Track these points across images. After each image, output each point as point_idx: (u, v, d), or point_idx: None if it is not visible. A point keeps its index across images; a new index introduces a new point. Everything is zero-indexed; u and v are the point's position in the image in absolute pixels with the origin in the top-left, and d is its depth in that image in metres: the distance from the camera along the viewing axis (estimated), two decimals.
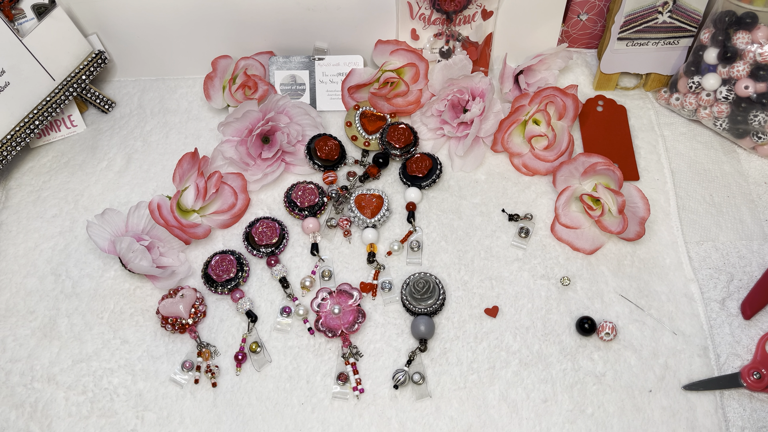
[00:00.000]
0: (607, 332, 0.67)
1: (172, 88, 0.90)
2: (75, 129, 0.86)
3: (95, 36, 0.85)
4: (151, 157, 0.83)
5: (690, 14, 0.77)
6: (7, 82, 0.76)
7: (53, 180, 0.82)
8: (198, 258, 0.75)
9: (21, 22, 0.77)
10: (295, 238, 0.76)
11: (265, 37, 0.85)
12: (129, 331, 0.70)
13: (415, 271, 0.72)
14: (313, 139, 0.80)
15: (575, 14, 0.84)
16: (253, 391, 0.66)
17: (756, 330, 0.68)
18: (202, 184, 0.74)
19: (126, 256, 0.69)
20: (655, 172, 0.79)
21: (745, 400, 0.64)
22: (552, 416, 0.64)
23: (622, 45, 0.80)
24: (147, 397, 0.66)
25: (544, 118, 0.77)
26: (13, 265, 0.75)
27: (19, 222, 0.78)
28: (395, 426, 0.64)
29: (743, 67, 0.73)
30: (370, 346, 0.68)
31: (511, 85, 0.82)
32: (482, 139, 0.80)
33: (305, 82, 0.85)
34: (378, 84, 0.82)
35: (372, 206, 0.75)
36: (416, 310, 0.69)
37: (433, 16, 0.81)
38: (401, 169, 0.79)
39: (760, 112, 0.75)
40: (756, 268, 0.72)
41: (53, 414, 0.66)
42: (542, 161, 0.78)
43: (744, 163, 0.80)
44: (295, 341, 0.69)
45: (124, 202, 0.79)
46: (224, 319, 0.71)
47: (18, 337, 0.70)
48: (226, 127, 0.77)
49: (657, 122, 0.83)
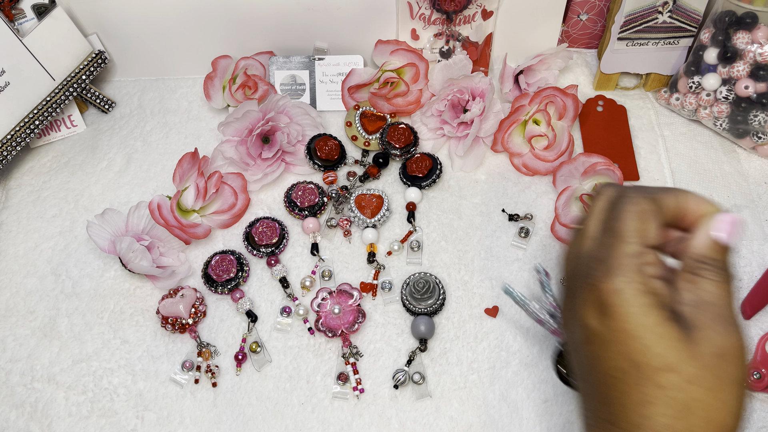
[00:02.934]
0: None
1: (172, 88, 0.90)
2: (75, 129, 0.86)
3: (95, 36, 0.85)
4: (151, 157, 0.83)
5: (690, 14, 0.77)
6: (7, 82, 0.76)
7: (53, 180, 0.82)
8: (198, 258, 0.75)
9: (21, 22, 0.77)
10: (295, 238, 0.76)
11: (265, 37, 0.85)
12: (129, 331, 0.70)
13: (415, 271, 0.72)
14: (313, 139, 0.80)
15: (575, 14, 0.84)
16: (253, 391, 0.66)
17: (756, 330, 0.68)
18: (202, 184, 0.74)
19: (126, 256, 0.69)
20: (655, 172, 0.79)
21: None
22: (552, 416, 0.64)
23: (622, 45, 0.80)
24: (147, 397, 0.66)
25: (544, 118, 0.77)
26: (13, 265, 0.75)
27: (19, 222, 0.78)
28: (395, 426, 0.64)
29: (743, 67, 0.73)
30: (370, 346, 0.68)
31: (511, 85, 0.82)
32: (482, 139, 0.80)
33: (305, 82, 0.85)
34: (378, 84, 0.82)
35: (372, 206, 0.75)
36: (416, 310, 0.69)
37: (433, 16, 0.81)
38: (401, 169, 0.79)
39: (760, 112, 0.75)
40: (756, 268, 0.72)
41: (53, 414, 0.66)
42: (542, 161, 0.78)
43: (744, 163, 0.80)
44: (295, 341, 0.69)
45: (124, 202, 0.79)
46: (224, 319, 0.71)
47: (18, 337, 0.70)
48: (226, 127, 0.77)
49: (657, 122, 0.83)
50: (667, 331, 0.37)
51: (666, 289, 0.39)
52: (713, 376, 0.36)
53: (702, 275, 0.40)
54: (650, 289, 0.38)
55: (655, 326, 0.37)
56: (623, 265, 0.38)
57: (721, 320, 0.38)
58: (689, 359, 0.36)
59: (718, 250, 0.40)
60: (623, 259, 0.39)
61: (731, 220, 0.41)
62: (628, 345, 0.37)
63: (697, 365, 0.36)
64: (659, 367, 0.36)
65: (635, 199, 0.41)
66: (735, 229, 0.41)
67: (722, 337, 0.37)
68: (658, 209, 0.41)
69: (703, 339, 0.37)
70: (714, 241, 0.40)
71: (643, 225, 0.40)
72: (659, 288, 0.38)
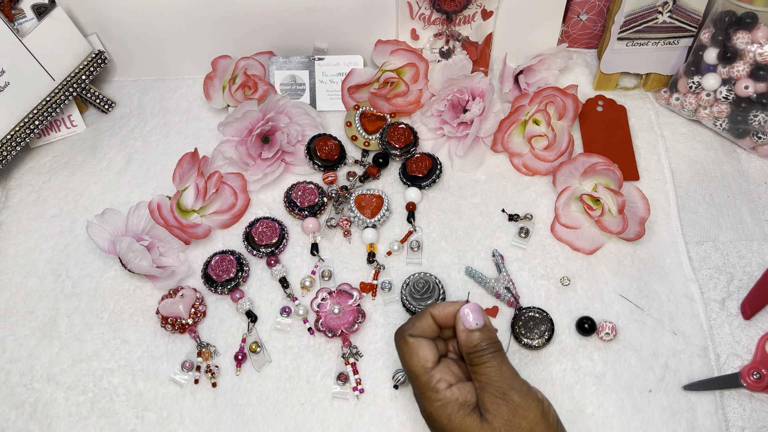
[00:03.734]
0: (607, 332, 0.67)
1: (172, 88, 0.90)
2: (75, 129, 0.86)
3: (95, 36, 0.85)
4: (151, 157, 0.83)
5: (690, 14, 0.77)
6: (6, 82, 0.76)
7: (53, 180, 0.82)
8: (198, 258, 0.75)
9: (21, 22, 0.77)
10: (295, 238, 0.76)
11: (265, 37, 0.85)
12: (129, 331, 0.70)
13: (415, 271, 0.72)
14: (313, 139, 0.80)
15: (575, 14, 0.84)
16: (253, 391, 0.66)
17: (756, 330, 0.68)
18: (202, 184, 0.74)
19: (126, 256, 0.69)
20: (655, 172, 0.79)
21: (745, 400, 0.64)
22: None
23: (622, 45, 0.80)
24: (147, 397, 0.66)
25: (544, 118, 0.77)
26: (13, 265, 0.75)
27: (19, 222, 0.78)
28: (395, 426, 0.64)
29: (743, 67, 0.73)
30: (370, 346, 0.68)
31: (511, 85, 0.82)
32: (482, 139, 0.80)
33: (305, 82, 0.85)
34: (378, 84, 0.82)
35: (372, 206, 0.75)
36: (416, 310, 0.69)
37: (433, 16, 0.81)
38: (401, 169, 0.79)
39: (760, 112, 0.75)
40: (756, 268, 0.72)
41: (53, 414, 0.66)
42: (542, 161, 0.78)
43: (744, 163, 0.80)
44: (295, 341, 0.69)
45: (124, 202, 0.79)
46: (224, 319, 0.71)
47: (18, 337, 0.70)
48: (226, 127, 0.77)
49: (657, 122, 0.83)
50: (468, 424, 0.50)
51: (460, 393, 0.51)
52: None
53: (477, 362, 0.52)
54: (446, 401, 0.51)
55: (460, 425, 0.50)
56: (425, 395, 0.52)
57: (500, 394, 0.51)
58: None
59: (477, 337, 0.52)
60: (424, 390, 0.52)
61: (472, 308, 0.53)
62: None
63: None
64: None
65: (401, 343, 0.54)
66: (478, 313, 0.53)
67: (503, 407, 0.50)
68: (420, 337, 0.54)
69: (493, 416, 0.50)
70: (468, 331, 0.52)
71: (418, 357, 0.53)
72: (452, 395, 0.51)
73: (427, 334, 0.55)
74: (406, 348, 0.54)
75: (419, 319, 0.55)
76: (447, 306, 0.55)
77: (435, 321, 0.55)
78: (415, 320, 0.56)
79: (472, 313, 0.53)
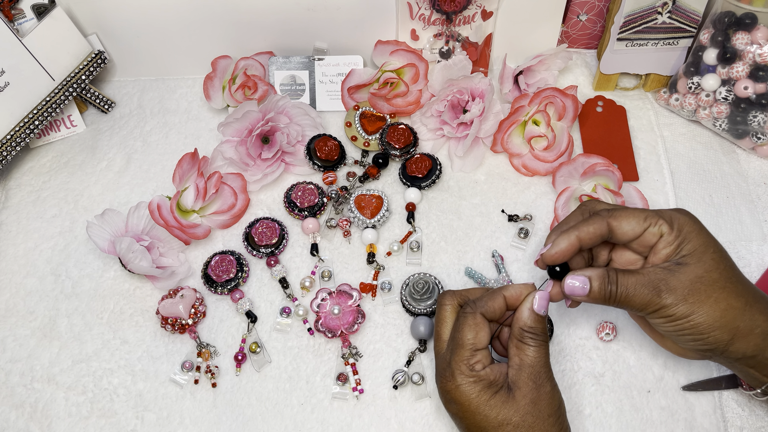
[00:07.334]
0: (607, 332, 0.67)
1: (172, 88, 0.90)
2: (75, 129, 0.86)
3: (95, 36, 0.85)
4: (150, 157, 0.83)
5: (689, 15, 0.77)
6: (6, 82, 0.76)
7: (53, 180, 0.82)
8: (198, 258, 0.75)
9: (21, 22, 0.77)
10: (294, 239, 0.76)
11: (265, 37, 0.85)
12: (129, 332, 0.70)
13: (415, 272, 0.72)
14: (313, 139, 0.80)
15: (575, 15, 0.84)
16: (253, 392, 0.67)
17: None
18: (202, 184, 0.74)
19: (126, 257, 0.69)
20: (655, 173, 0.79)
21: (743, 401, 0.64)
22: None
23: (621, 45, 0.80)
24: (147, 398, 0.67)
25: (544, 118, 0.77)
26: (13, 265, 0.75)
27: (18, 222, 0.78)
28: (395, 426, 0.64)
29: (743, 68, 0.74)
30: (369, 347, 0.69)
31: (510, 86, 0.82)
32: (482, 139, 0.80)
33: (305, 83, 0.85)
34: (378, 84, 0.82)
35: (372, 206, 0.75)
36: (416, 310, 0.69)
37: (432, 16, 0.81)
38: (401, 169, 0.79)
39: (759, 112, 0.75)
40: (755, 268, 0.72)
41: (53, 414, 0.66)
42: (542, 162, 0.78)
43: (743, 163, 0.80)
44: (294, 341, 0.69)
45: (124, 202, 0.79)
46: (224, 319, 0.71)
47: (18, 337, 0.71)
48: (225, 127, 0.77)
49: (656, 123, 0.83)
50: (495, 400, 0.53)
51: (491, 372, 0.54)
52: (531, 416, 0.53)
53: (525, 342, 0.55)
54: (479, 378, 0.54)
55: (487, 400, 0.53)
56: (460, 367, 0.54)
57: (534, 378, 0.54)
58: (513, 411, 0.53)
59: (537, 320, 0.55)
60: (460, 363, 0.54)
61: (544, 296, 0.55)
62: (474, 417, 0.54)
63: (519, 413, 0.53)
64: (497, 425, 0.53)
65: (469, 314, 0.56)
66: (546, 303, 0.56)
67: (533, 390, 0.53)
68: (488, 316, 0.56)
69: (520, 394, 0.53)
70: (534, 312, 0.55)
71: (476, 335, 0.55)
72: (486, 374, 0.54)
73: (494, 316, 0.57)
74: (471, 321, 0.56)
75: (492, 299, 0.57)
76: (520, 288, 0.57)
77: (506, 303, 0.57)
78: (488, 299, 0.57)
79: (544, 300, 0.56)
